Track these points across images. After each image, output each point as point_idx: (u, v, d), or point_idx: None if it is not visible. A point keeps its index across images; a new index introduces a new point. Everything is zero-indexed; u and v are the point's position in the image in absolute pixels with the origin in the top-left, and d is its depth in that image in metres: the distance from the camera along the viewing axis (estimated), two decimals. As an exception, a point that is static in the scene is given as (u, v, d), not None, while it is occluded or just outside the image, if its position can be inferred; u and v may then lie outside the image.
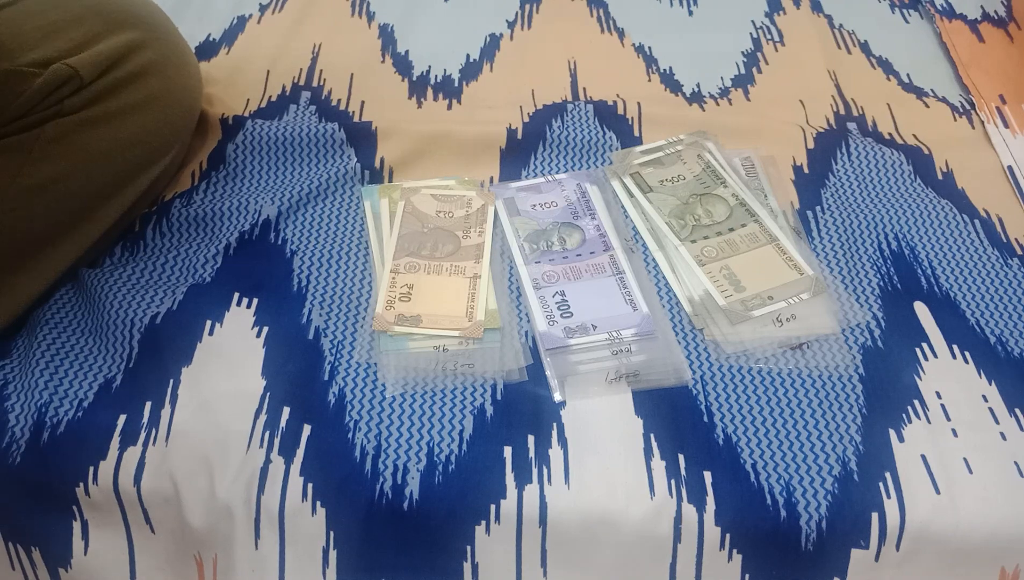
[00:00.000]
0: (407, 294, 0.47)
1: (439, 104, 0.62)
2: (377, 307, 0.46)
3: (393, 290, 0.47)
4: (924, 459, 0.40)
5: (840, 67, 0.66)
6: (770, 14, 0.72)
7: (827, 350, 0.45)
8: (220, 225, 0.52)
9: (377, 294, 0.47)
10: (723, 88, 0.64)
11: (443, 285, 0.48)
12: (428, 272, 0.49)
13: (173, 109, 0.53)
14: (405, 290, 0.47)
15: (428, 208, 0.53)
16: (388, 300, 0.47)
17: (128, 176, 0.50)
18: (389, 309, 0.46)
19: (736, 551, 0.38)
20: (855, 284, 0.49)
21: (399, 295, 0.47)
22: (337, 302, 0.48)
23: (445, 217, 0.52)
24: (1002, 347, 0.45)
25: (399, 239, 0.51)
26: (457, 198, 0.54)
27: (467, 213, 0.53)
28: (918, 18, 0.72)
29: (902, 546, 0.38)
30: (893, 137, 0.59)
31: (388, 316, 0.46)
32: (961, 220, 0.53)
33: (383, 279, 0.48)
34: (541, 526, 0.39)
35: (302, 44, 0.68)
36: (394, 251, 0.50)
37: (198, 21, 0.71)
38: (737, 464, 0.40)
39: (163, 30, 0.54)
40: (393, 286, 0.48)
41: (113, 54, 0.48)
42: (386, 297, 0.47)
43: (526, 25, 0.71)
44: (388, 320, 0.46)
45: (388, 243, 0.50)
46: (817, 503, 0.38)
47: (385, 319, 0.46)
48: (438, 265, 0.49)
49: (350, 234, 0.52)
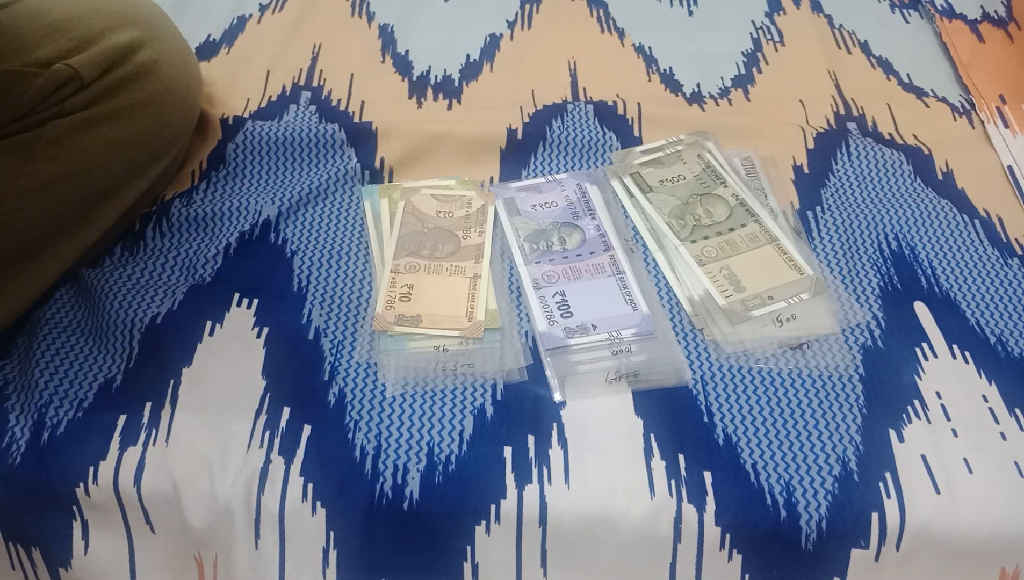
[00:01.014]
0: (407, 294, 0.47)
1: (439, 104, 0.62)
2: (377, 307, 0.46)
3: (393, 290, 0.47)
4: (924, 459, 0.40)
5: (840, 67, 0.66)
6: (770, 14, 0.72)
7: (827, 350, 0.45)
8: (220, 225, 0.52)
9: (377, 294, 0.47)
10: (723, 88, 0.64)
11: (443, 285, 0.48)
12: (428, 272, 0.49)
13: (173, 109, 0.53)
14: (405, 290, 0.47)
15: (428, 208, 0.53)
16: (388, 300, 0.47)
17: (128, 176, 0.50)
18: (389, 309, 0.46)
19: (736, 551, 0.38)
20: (855, 284, 0.49)
21: (399, 295, 0.47)
22: (337, 302, 0.48)
23: (445, 217, 0.52)
24: (1002, 347, 0.45)
25: (399, 239, 0.51)
26: (457, 198, 0.54)
27: (467, 213, 0.53)
28: (918, 18, 0.72)
29: (902, 546, 0.38)
30: (893, 137, 0.59)
31: (388, 316, 0.46)
32: (961, 220, 0.53)
33: (383, 279, 0.48)
34: (541, 526, 0.39)
35: (302, 44, 0.68)
36: (394, 251, 0.50)
37: (198, 21, 0.70)
38: (737, 464, 0.40)
39: (163, 29, 0.54)
40: (393, 286, 0.48)
41: (114, 54, 0.48)
42: (386, 297, 0.47)
43: (526, 25, 0.71)
44: (388, 320, 0.46)
45: (388, 243, 0.50)
46: (817, 503, 0.38)
47: (385, 319, 0.46)
48: (438, 265, 0.49)
49: (350, 234, 0.52)
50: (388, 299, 0.47)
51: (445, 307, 0.46)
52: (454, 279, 0.48)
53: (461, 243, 0.50)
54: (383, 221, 0.52)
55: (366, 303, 0.48)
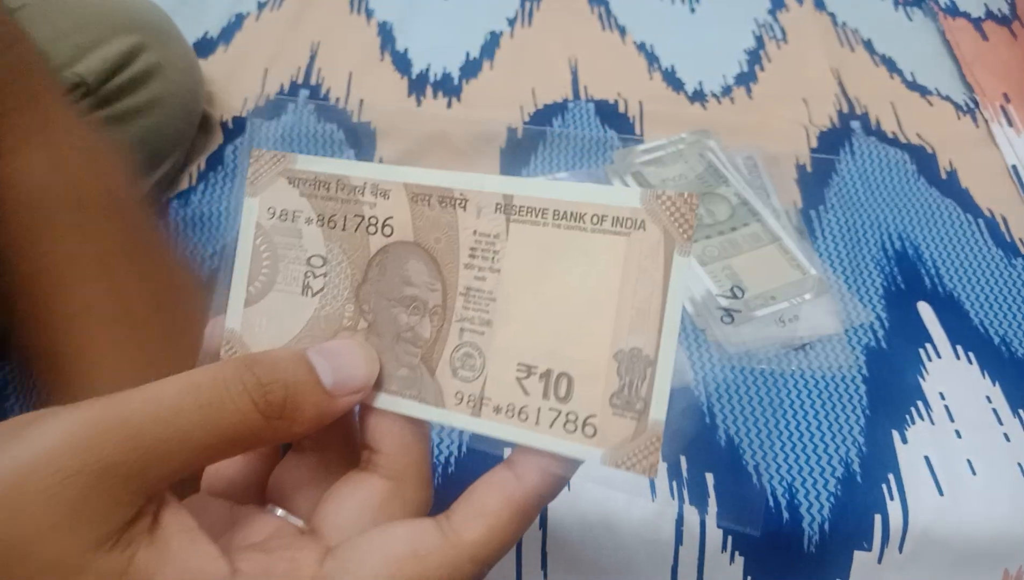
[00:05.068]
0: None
1: (438, 102, 0.62)
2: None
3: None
4: (927, 460, 0.40)
5: (843, 65, 0.66)
6: (773, 11, 0.72)
7: (830, 351, 0.44)
8: (218, 225, 0.52)
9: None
10: (725, 86, 0.64)
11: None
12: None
13: (176, 112, 0.53)
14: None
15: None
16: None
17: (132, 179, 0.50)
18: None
19: (738, 553, 0.38)
20: (858, 284, 0.48)
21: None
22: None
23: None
24: (1006, 348, 0.45)
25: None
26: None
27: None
28: (921, 16, 0.72)
29: (905, 548, 0.38)
30: (896, 136, 0.59)
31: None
32: (965, 219, 0.52)
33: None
34: (541, 528, 0.38)
35: (300, 42, 0.67)
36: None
37: (195, 18, 0.70)
38: (739, 466, 0.40)
39: (166, 33, 0.54)
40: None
41: (117, 59, 0.48)
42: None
43: (527, 23, 0.70)
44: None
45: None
46: (820, 505, 0.38)
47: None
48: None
49: (349, 233, 0.52)
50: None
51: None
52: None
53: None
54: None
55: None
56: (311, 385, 0.21)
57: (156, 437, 0.18)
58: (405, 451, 0.22)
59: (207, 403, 0.19)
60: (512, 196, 0.22)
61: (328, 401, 0.21)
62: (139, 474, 0.18)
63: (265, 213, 0.25)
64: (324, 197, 0.24)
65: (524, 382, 0.21)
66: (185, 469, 0.19)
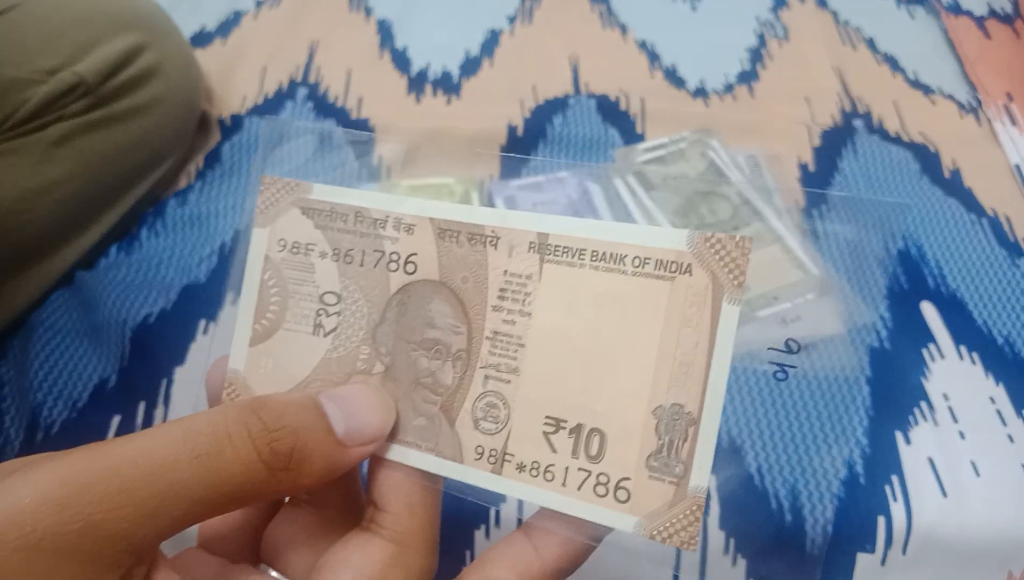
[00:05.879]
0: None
1: (438, 100, 0.62)
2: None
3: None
4: (931, 462, 0.39)
5: (845, 63, 0.65)
6: (774, 9, 0.71)
7: (833, 351, 0.44)
8: (215, 224, 0.51)
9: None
10: (727, 84, 0.63)
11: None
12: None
13: (176, 112, 0.52)
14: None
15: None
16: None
17: (131, 179, 0.50)
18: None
19: (740, 555, 0.38)
20: (861, 284, 0.48)
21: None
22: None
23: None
24: (1010, 348, 0.45)
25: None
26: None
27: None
28: (923, 14, 0.72)
29: (909, 550, 0.38)
30: (899, 135, 0.59)
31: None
32: (968, 219, 0.52)
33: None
34: (542, 530, 0.38)
35: (299, 40, 0.67)
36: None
37: (192, 13, 0.70)
38: (741, 467, 0.39)
39: (165, 32, 0.53)
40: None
41: (117, 57, 0.48)
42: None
43: (527, 20, 0.70)
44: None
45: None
46: (823, 507, 0.38)
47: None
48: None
49: (348, 232, 0.51)
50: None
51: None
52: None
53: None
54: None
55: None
56: (322, 433, 0.19)
57: (147, 492, 0.16)
58: (413, 512, 0.20)
59: (205, 453, 0.17)
60: (547, 234, 0.20)
61: (339, 452, 0.19)
62: (126, 533, 0.16)
63: (275, 245, 0.23)
64: (341, 229, 0.22)
65: (552, 437, 0.19)
66: (178, 527, 0.17)
